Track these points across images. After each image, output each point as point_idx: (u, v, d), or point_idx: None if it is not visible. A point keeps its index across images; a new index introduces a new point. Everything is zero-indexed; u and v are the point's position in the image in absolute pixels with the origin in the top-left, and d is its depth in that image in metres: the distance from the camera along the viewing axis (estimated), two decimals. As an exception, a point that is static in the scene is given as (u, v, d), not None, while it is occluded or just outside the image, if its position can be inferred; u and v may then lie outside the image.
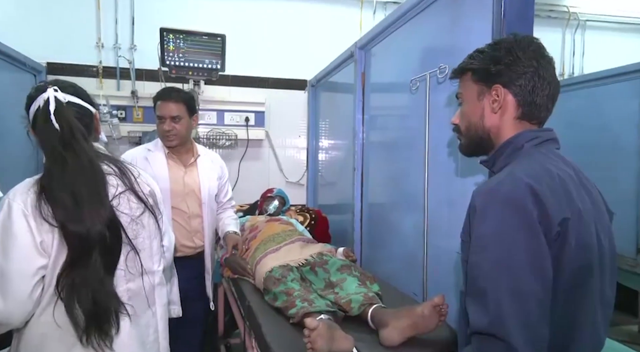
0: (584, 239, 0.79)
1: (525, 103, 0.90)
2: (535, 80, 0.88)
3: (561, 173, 0.83)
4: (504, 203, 0.77)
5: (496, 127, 0.93)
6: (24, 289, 1.00)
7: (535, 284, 0.73)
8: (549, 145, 0.90)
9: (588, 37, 3.84)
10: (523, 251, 0.74)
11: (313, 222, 2.75)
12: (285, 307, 1.59)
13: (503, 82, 0.90)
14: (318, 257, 1.95)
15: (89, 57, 2.97)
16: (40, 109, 1.08)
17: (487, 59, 0.92)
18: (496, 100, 0.91)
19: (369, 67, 2.28)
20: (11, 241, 1.00)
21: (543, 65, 0.89)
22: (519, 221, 0.75)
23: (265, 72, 3.33)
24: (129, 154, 2.02)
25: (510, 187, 0.78)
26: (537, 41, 0.92)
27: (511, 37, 0.93)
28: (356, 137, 2.33)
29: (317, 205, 3.26)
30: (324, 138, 3.23)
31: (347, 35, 2.95)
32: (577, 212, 0.79)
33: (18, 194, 1.03)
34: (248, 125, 3.19)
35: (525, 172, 0.80)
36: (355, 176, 2.33)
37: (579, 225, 0.78)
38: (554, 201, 0.76)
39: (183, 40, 2.76)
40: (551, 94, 0.91)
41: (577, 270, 0.79)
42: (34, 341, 1.06)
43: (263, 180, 3.33)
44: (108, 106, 2.83)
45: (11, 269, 1.00)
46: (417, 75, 1.72)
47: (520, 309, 0.72)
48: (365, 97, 2.29)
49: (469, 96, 0.96)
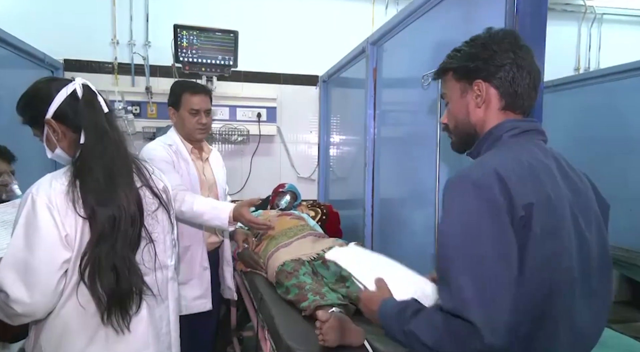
0: (552, 225, 0.80)
1: (507, 94, 0.92)
2: (514, 71, 0.90)
3: (534, 162, 0.84)
4: (471, 189, 0.79)
5: (481, 121, 0.95)
6: (50, 283, 1.02)
7: (500, 270, 0.75)
8: (529, 136, 0.92)
9: (604, 31, 3.77)
10: (488, 237, 0.76)
11: (324, 217, 2.77)
12: (297, 300, 1.62)
13: (483, 76, 0.92)
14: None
15: (104, 54, 3.02)
16: (76, 92, 1.10)
17: (465, 56, 0.94)
18: (479, 95, 0.94)
19: (380, 63, 2.27)
20: (37, 235, 1.01)
21: (520, 56, 0.91)
22: (485, 207, 0.77)
23: (277, 68, 3.34)
24: (155, 147, 1.89)
25: (477, 174, 0.80)
26: (512, 33, 0.94)
27: (486, 32, 0.95)
28: (367, 132, 2.33)
29: (328, 200, 3.28)
30: (335, 133, 3.24)
31: (359, 31, 2.95)
32: (544, 198, 0.80)
33: (41, 189, 1.04)
34: (260, 121, 3.22)
35: (494, 160, 0.83)
36: (367, 171, 2.34)
37: (546, 211, 0.79)
38: (519, 186, 0.78)
39: (196, 37, 2.79)
40: (532, 82, 0.92)
41: (546, 257, 0.79)
42: (56, 330, 1.07)
43: (274, 175, 3.35)
44: (123, 102, 2.87)
45: (38, 263, 1.01)
46: (429, 71, 1.72)
47: (484, 295, 0.74)
48: (377, 92, 2.29)
49: (453, 95, 0.99)
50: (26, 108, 1.15)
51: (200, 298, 1.93)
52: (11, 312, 1.01)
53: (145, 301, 1.14)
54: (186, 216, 1.73)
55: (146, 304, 1.15)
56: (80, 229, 1.04)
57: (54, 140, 1.12)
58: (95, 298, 1.04)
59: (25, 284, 1.00)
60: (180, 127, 1.97)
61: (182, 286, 1.85)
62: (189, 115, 1.93)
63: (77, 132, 1.10)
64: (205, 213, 1.71)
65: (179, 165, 1.88)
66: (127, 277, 1.06)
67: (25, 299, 1.00)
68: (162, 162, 1.79)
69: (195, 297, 1.91)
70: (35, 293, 1.00)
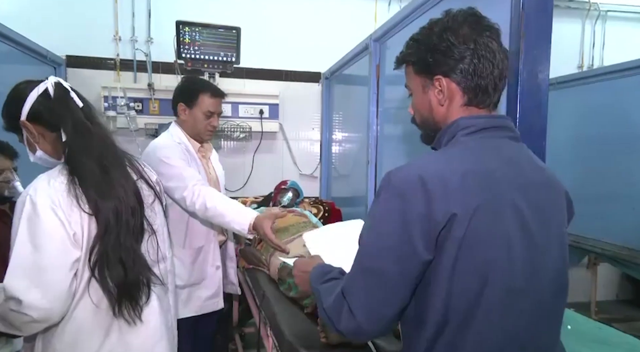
0: (480, 236, 0.76)
1: (469, 88, 0.86)
2: (474, 62, 0.84)
3: (472, 166, 0.79)
4: (392, 189, 0.79)
5: (444, 118, 0.89)
6: (64, 284, 0.99)
7: (390, 268, 0.78)
8: (487, 133, 0.85)
9: (608, 28, 3.75)
10: (391, 236, 0.78)
11: (327, 214, 2.77)
12: (300, 298, 1.62)
13: (442, 71, 0.86)
14: None
15: (106, 50, 3.02)
16: (48, 91, 1.09)
17: (423, 48, 0.88)
18: (441, 91, 0.87)
19: (384, 60, 2.26)
20: (44, 237, 0.98)
21: (481, 44, 0.83)
22: (399, 209, 0.77)
23: (279, 65, 3.34)
24: (168, 145, 1.83)
25: (401, 178, 0.79)
26: (472, 15, 0.86)
27: (444, 16, 0.87)
28: (370, 130, 2.32)
29: (330, 197, 3.27)
30: (338, 131, 3.23)
31: (361, 28, 2.94)
32: (472, 208, 0.76)
33: (40, 190, 1.01)
34: (262, 118, 3.21)
35: (424, 164, 0.80)
36: (369, 168, 2.33)
37: (472, 221, 0.75)
38: (443, 195, 0.75)
39: (199, 33, 2.78)
40: (498, 72, 0.85)
41: (471, 268, 0.76)
42: (71, 332, 1.05)
43: (276, 172, 3.35)
44: (125, 98, 2.87)
45: (50, 266, 0.98)
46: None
47: (367, 288, 0.80)
48: (380, 89, 2.28)
49: (415, 88, 0.94)
50: (3, 112, 1.13)
51: (213, 298, 1.93)
52: (25, 320, 0.98)
53: (154, 291, 1.14)
54: (209, 213, 1.67)
55: (155, 295, 1.15)
56: (87, 226, 1.03)
57: (33, 142, 1.11)
58: (107, 292, 1.03)
59: (40, 289, 0.97)
60: (189, 126, 1.91)
61: (195, 287, 1.87)
62: (203, 117, 1.88)
63: (56, 131, 1.08)
64: (228, 214, 1.65)
65: (190, 163, 1.85)
66: (133, 268, 1.06)
67: (42, 304, 0.97)
68: (179, 160, 1.77)
69: (208, 297, 1.91)
70: (51, 296, 0.98)
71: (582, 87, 3.18)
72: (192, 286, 1.86)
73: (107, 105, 2.84)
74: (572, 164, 3.03)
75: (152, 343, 1.15)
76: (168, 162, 1.74)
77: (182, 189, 1.68)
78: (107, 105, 2.84)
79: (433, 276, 0.78)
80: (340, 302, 0.83)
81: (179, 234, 1.83)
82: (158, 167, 1.68)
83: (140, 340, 1.12)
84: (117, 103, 2.84)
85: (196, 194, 1.66)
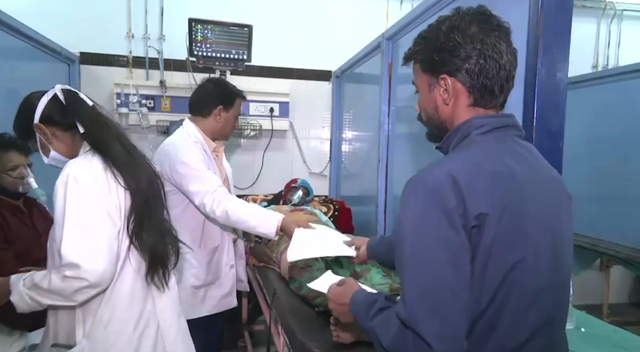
0: (509, 238, 0.76)
1: (475, 89, 0.85)
2: (481, 63, 0.83)
3: (498, 167, 0.79)
4: (424, 193, 0.77)
5: (450, 117, 0.89)
6: (113, 249, 1.09)
7: (450, 276, 0.73)
8: (500, 133, 0.85)
9: (624, 27, 3.69)
10: (438, 242, 0.74)
11: (337, 213, 2.76)
12: (311, 296, 1.62)
13: (448, 71, 0.86)
14: None
15: (119, 47, 3.03)
16: (57, 95, 1.19)
17: (429, 46, 0.88)
18: (446, 90, 0.87)
19: (396, 58, 2.24)
20: (92, 207, 1.08)
21: (489, 44, 0.83)
22: (437, 213, 0.74)
23: (290, 63, 3.33)
24: (187, 145, 1.83)
25: (432, 178, 0.77)
26: (482, 14, 0.86)
27: (453, 14, 0.87)
28: (381, 128, 2.31)
29: (339, 196, 3.27)
30: (348, 129, 3.22)
31: (373, 26, 2.93)
32: (501, 208, 0.76)
33: (79, 169, 1.10)
34: (272, 116, 3.21)
35: (453, 163, 0.80)
36: (380, 167, 2.32)
37: (501, 222, 0.75)
38: (474, 194, 0.75)
39: (211, 31, 2.78)
40: (505, 73, 0.85)
41: (501, 270, 0.77)
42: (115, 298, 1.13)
43: (286, 170, 3.35)
44: (137, 95, 2.88)
45: (100, 231, 1.08)
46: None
47: (433, 303, 0.73)
48: (392, 88, 2.27)
49: (422, 86, 0.93)
50: (16, 122, 1.22)
51: (227, 296, 1.94)
52: (80, 286, 1.04)
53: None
54: (232, 219, 1.69)
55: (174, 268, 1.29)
56: (124, 199, 1.14)
57: (46, 143, 1.20)
58: (144, 258, 1.16)
59: (95, 253, 1.05)
60: (218, 127, 1.92)
61: (210, 286, 1.89)
62: (233, 119, 1.97)
63: (67, 130, 1.19)
64: (252, 220, 1.68)
65: (207, 165, 1.83)
66: (164, 235, 1.21)
67: (97, 266, 1.04)
68: (200, 162, 1.77)
69: (223, 295, 1.93)
70: (104, 260, 1.06)
71: (597, 87, 3.13)
72: (207, 286, 1.88)
73: (120, 102, 2.86)
74: (586, 165, 3.00)
75: (177, 311, 1.29)
76: (190, 163, 1.75)
77: (202, 195, 1.70)
78: (119, 102, 2.86)
79: None
80: (403, 336, 0.75)
81: (195, 235, 1.83)
82: (178, 167, 1.73)
83: (167, 307, 1.24)
84: (130, 100, 2.86)
85: (216, 201, 1.68)
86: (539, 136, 1.18)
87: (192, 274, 1.83)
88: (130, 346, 1.15)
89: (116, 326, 1.13)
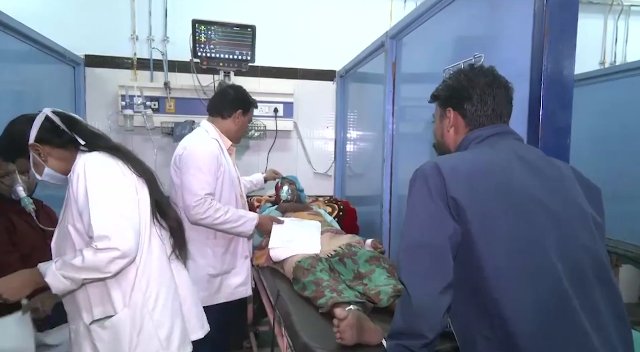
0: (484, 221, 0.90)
1: (471, 123, 1.09)
2: (477, 105, 1.08)
3: (484, 162, 0.97)
4: (417, 177, 0.99)
5: (453, 142, 1.13)
6: (136, 221, 1.23)
7: (431, 236, 0.91)
8: (494, 139, 1.05)
9: (632, 23, 3.63)
10: (423, 211, 0.94)
11: (341, 213, 2.74)
12: (315, 297, 1.61)
13: (453, 105, 1.11)
14: (347, 248, 1.96)
15: (124, 50, 3.03)
16: (49, 117, 1.29)
17: (445, 87, 1.15)
18: (449, 120, 1.12)
19: (400, 57, 2.23)
20: (115, 185, 1.22)
21: (487, 92, 1.07)
22: (423, 188, 0.95)
23: (294, 63, 3.32)
24: (208, 143, 1.98)
25: (424, 166, 0.99)
26: (488, 71, 1.10)
27: (467, 68, 1.13)
28: (386, 128, 2.30)
29: (344, 196, 3.25)
30: (352, 129, 3.21)
31: (376, 25, 2.89)
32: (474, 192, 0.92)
33: (93, 159, 1.23)
34: (277, 116, 3.20)
35: (443, 158, 1.01)
36: (385, 167, 2.31)
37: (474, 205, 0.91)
38: (451, 179, 0.93)
39: (214, 32, 2.78)
40: (495, 113, 1.08)
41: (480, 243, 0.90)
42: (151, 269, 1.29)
43: (291, 171, 3.31)
44: (142, 97, 2.88)
45: (126, 206, 1.21)
46: (451, 65, 1.67)
47: (415, 261, 0.92)
48: (396, 87, 2.25)
49: (436, 117, 1.19)
50: (4, 145, 1.29)
51: (242, 285, 2.10)
52: (112, 256, 1.14)
53: None
54: (223, 226, 1.94)
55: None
56: (136, 182, 1.29)
57: (41, 162, 1.28)
58: (170, 233, 1.37)
59: (121, 227, 1.17)
60: (234, 128, 2.11)
61: (226, 276, 2.05)
62: (247, 124, 2.19)
63: (61, 147, 1.29)
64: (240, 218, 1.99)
65: (221, 161, 2.00)
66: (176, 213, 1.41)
67: (126, 237, 1.16)
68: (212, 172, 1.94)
69: (238, 285, 2.08)
70: (130, 232, 1.18)
71: (604, 83, 3.08)
72: (223, 275, 2.03)
73: (125, 104, 2.86)
74: (593, 163, 2.94)
75: (191, 287, 1.46)
76: (202, 168, 1.92)
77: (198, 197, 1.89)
78: (124, 104, 2.86)
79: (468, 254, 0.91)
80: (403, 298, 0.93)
81: None
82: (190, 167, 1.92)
83: (184, 283, 1.43)
84: (134, 102, 2.86)
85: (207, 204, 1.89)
86: (545, 134, 1.17)
87: (208, 263, 1.98)
88: (166, 309, 1.29)
89: (154, 291, 1.27)
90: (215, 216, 1.88)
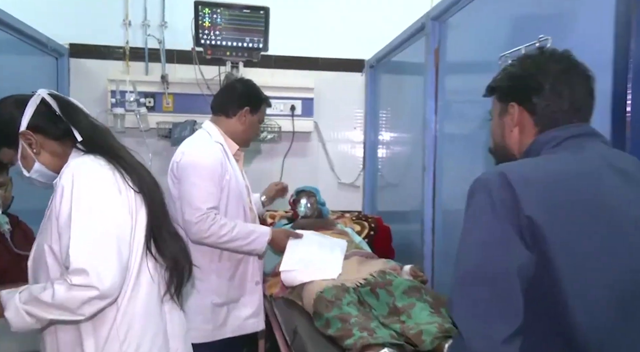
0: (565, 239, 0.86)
1: (541, 121, 1.03)
2: (550, 98, 1.01)
3: (567, 173, 0.92)
4: (477, 189, 0.94)
5: (517, 145, 1.07)
6: (125, 254, 1.16)
7: (495, 266, 0.86)
8: (574, 142, 0.98)
9: None
10: (485, 233, 0.90)
11: (372, 232, 2.74)
12: (340, 337, 1.59)
13: (517, 99, 1.05)
14: (380, 276, 1.96)
15: (114, 37, 3.10)
16: (45, 100, 1.25)
17: (507, 76, 1.09)
18: (512, 117, 1.07)
19: (444, 42, 2.23)
20: (103, 207, 1.16)
21: (563, 82, 1.00)
22: (485, 204, 0.91)
23: (314, 52, 3.34)
24: (210, 147, 2.01)
25: (487, 175, 0.94)
26: (563, 54, 1.03)
27: (535, 52, 1.09)
28: (427, 128, 2.30)
29: (376, 212, 3.24)
30: (385, 130, 3.21)
31: (413, 5, 2.87)
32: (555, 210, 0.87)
33: (84, 169, 1.19)
34: (294, 115, 3.22)
35: (510, 165, 0.97)
36: (426, 176, 2.30)
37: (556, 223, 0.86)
38: (525, 192, 0.88)
39: (220, 15, 2.82)
40: (573, 106, 1.01)
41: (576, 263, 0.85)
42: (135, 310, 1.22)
43: (311, 180, 3.30)
44: (135, 93, 2.93)
45: (112, 234, 1.14)
46: (509, 51, 1.65)
47: (473, 297, 0.87)
48: (440, 79, 2.25)
49: (495, 114, 1.14)
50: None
51: (253, 317, 2.07)
52: (89, 296, 1.07)
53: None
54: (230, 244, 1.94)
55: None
56: (134, 201, 1.23)
57: (32, 154, 1.24)
58: (166, 267, 1.29)
59: (106, 259, 1.11)
60: (241, 129, 2.10)
61: (234, 305, 2.03)
62: (257, 125, 2.19)
63: (56, 140, 1.26)
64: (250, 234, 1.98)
65: (226, 168, 2.01)
66: (177, 243, 1.33)
67: (108, 273, 1.09)
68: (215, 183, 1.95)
69: (248, 316, 2.06)
70: (114, 267, 1.11)
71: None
72: (230, 304, 2.01)
73: (115, 102, 2.91)
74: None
75: (184, 331, 1.39)
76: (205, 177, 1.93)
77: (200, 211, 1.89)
78: (114, 101, 2.91)
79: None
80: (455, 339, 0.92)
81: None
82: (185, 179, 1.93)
83: (177, 329, 1.35)
84: (126, 99, 2.91)
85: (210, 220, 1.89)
86: (634, 135, 1.16)
87: (212, 290, 1.96)
88: None
89: (133, 342, 1.20)
90: (221, 233, 1.88)
